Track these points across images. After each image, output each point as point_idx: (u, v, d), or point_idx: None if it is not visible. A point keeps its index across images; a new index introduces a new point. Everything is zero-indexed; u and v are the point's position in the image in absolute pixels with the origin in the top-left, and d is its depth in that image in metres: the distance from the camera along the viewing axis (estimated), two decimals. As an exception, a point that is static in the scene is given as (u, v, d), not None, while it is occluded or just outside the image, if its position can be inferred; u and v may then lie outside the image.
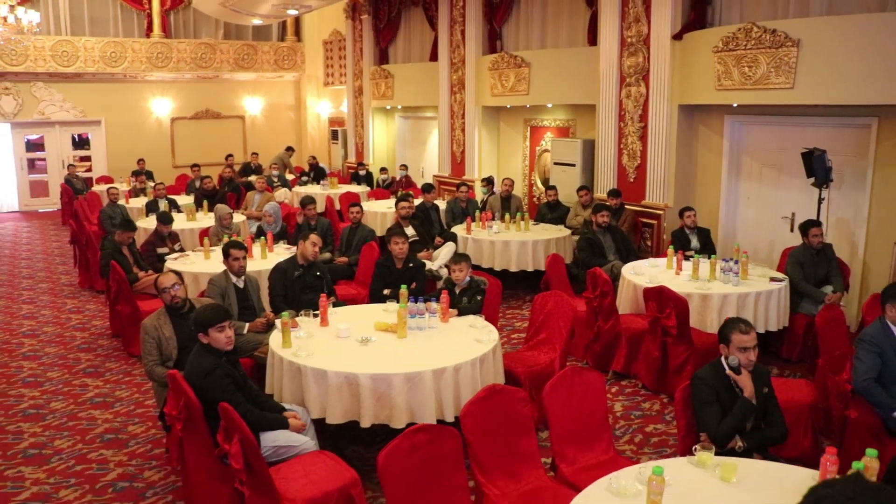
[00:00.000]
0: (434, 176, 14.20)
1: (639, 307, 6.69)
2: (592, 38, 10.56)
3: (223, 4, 14.91)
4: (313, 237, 6.48)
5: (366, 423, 4.43)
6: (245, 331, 5.76)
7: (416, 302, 5.26)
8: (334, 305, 5.95)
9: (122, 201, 12.56)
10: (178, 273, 5.24)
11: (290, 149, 17.37)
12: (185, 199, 12.89)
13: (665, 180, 9.48)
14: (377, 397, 4.39)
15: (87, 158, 19.28)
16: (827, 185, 7.46)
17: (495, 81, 11.97)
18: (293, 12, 15.22)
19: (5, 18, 11.97)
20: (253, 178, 14.29)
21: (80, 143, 19.44)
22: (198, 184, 14.34)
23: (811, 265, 6.85)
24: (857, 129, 7.82)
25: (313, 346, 4.84)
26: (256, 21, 17.53)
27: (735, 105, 8.61)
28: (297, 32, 20.40)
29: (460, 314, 5.59)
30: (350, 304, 6.56)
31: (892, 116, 7.34)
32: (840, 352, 5.32)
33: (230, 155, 17.24)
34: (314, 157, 16.72)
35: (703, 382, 3.75)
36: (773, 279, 6.73)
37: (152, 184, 14.32)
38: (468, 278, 5.95)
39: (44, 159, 19.03)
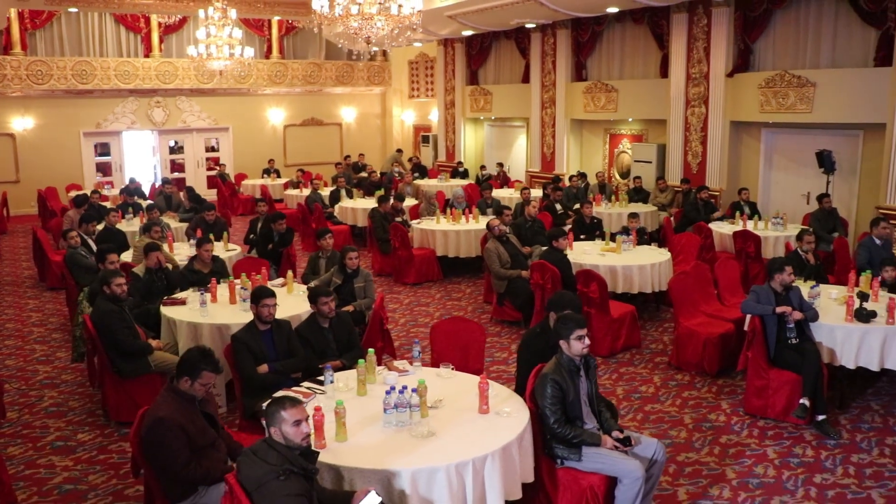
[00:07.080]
0: (527, 171, 18.66)
1: (722, 247, 11.22)
2: (664, 72, 15.07)
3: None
4: (534, 202, 11.06)
5: (619, 290, 8.96)
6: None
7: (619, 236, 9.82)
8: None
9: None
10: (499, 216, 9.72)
11: (399, 150, 21.85)
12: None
13: (719, 172, 14.01)
14: (624, 277, 8.94)
15: (217, 159, 23.51)
16: (832, 173, 12.01)
17: (588, 101, 16.50)
18: (418, 44, 19.59)
19: (233, 54, 16.30)
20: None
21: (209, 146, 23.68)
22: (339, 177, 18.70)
23: (825, 221, 11.34)
24: (851, 138, 12.41)
25: (575, 255, 9.35)
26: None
27: (770, 122, 13.17)
28: (385, 53, 24.72)
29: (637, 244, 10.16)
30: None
31: (873, 130, 11.90)
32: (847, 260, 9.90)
33: (348, 156, 21.62)
34: (417, 157, 21.08)
35: (790, 259, 8.26)
36: (802, 229, 11.27)
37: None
38: (638, 226, 10.48)
39: (182, 160, 23.30)
